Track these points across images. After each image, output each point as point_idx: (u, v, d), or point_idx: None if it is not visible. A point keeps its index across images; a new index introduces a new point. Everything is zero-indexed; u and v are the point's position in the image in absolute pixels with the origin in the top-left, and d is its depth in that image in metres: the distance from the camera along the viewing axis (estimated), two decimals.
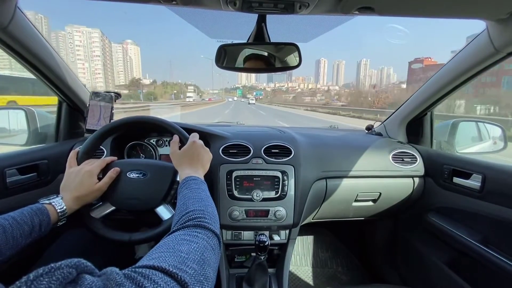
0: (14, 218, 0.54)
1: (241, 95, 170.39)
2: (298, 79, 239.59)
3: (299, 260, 1.57)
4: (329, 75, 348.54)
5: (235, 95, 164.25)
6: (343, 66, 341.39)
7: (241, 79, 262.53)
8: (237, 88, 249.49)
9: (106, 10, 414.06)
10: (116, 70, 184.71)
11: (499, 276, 0.82)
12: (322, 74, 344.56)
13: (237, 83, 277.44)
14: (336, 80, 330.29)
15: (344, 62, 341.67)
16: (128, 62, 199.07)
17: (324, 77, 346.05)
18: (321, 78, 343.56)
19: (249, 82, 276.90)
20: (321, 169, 1.06)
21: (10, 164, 0.83)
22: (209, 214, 0.51)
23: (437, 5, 0.63)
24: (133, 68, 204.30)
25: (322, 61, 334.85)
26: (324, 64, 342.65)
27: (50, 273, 0.25)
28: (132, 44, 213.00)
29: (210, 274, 0.38)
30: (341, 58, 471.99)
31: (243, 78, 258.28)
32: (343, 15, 0.68)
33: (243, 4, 0.63)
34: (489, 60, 0.82)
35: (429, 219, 1.07)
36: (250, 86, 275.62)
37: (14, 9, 0.70)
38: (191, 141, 0.75)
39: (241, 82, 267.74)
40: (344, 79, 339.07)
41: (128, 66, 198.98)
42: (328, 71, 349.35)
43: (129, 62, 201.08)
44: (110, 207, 0.77)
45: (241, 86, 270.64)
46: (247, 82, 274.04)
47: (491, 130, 1.25)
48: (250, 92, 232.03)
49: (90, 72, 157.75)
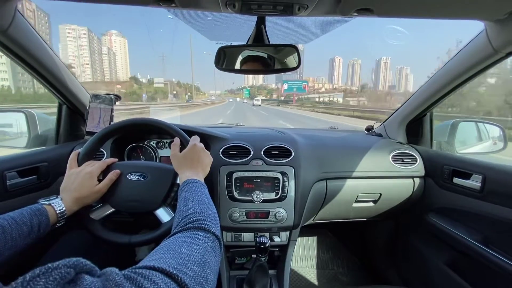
0: (13, 218, 0.54)
1: (249, 96, 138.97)
2: (308, 79, 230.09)
3: (299, 262, 1.57)
4: (343, 75, 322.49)
5: (239, 97, 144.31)
6: (359, 65, 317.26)
7: (248, 80, 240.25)
8: (243, 88, 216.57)
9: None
10: (100, 67, 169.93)
11: (499, 276, 0.81)
12: (336, 74, 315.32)
13: (244, 84, 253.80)
14: (351, 80, 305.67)
15: (360, 61, 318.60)
16: (112, 56, 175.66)
17: (339, 77, 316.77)
18: (335, 78, 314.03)
19: (257, 82, 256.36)
20: (321, 170, 1.06)
21: (10, 167, 0.83)
22: (210, 217, 0.51)
23: (436, 6, 0.63)
24: (116, 63, 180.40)
25: (336, 60, 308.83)
26: (339, 63, 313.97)
27: (47, 273, 0.24)
28: (118, 36, 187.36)
29: (211, 276, 0.38)
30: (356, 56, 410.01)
31: (250, 78, 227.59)
32: (341, 16, 0.69)
33: (243, 6, 0.63)
34: (488, 60, 0.82)
35: (429, 220, 1.07)
36: (259, 86, 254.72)
37: (14, 12, 0.70)
38: (192, 144, 0.75)
39: (248, 82, 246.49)
40: (361, 79, 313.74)
41: (112, 62, 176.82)
42: (342, 71, 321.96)
43: (111, 57, 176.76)
44: (110, 209, 0.77)
45: (249, 86, 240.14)
46: (255, 82, 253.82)
47: (491, 130, 1.25)
48: (260, 92, 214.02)
49: (80, 65, 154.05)
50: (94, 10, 66.71)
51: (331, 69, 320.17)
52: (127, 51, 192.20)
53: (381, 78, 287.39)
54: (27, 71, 0.88)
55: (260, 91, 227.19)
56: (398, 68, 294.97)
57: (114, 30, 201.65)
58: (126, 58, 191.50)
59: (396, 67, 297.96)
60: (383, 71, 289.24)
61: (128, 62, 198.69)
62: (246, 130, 1.39)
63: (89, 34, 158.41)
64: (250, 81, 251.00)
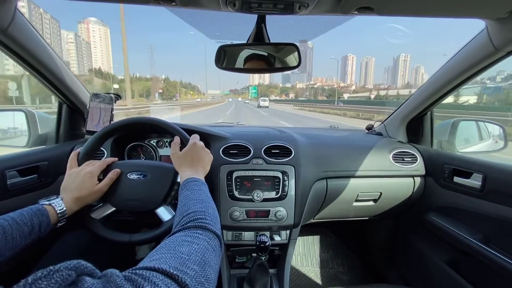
0: (14, 218, 0.54)
1: (257, 95, 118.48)
2: (317, 79, 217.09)
3: (300, 261, 1.57)
4: (356, 74, 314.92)
5: (244, 97, 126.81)
6: (373, 63, 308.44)
7: (254, 80, 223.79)
8: (249, 86, 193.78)
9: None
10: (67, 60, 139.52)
11: (500, 275, 0.81)
12: (349, 73, 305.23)
13: (250, 83, 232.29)
14: (365, 79, 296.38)
15: (374, 59, 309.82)
16: (83, 46, 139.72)
17: (351, 76, 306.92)
18: (348, 77, 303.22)
19: (263, 81, 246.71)
20: (321, 169, 1.06)
21: (10, 166, 0.83)
22: (210, 215, 0.52)
23: (437, 5, 0.63)
24: (95, 55, 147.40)
25: (350, 58, 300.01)
26: (352, 61, 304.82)
27: (49, 276, 0.24)
28: (97, 24, 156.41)
29: (211, 275, 0.38)
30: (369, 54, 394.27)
31: (255, 78, 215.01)
32: (342, 15, 0.68)
33: (243, 5, 0.63)
34: (489, 59, 0.82)
35: (429, 219, 1.07)
36: (267, 85, 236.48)
37: (14, 11, 0.70)
38: (192, 143, 0.75)
39: (254, 82, 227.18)
40: (374, 78, 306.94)
41: (85, 53, 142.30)
42: (355, 69, 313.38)
43: (82, 47, 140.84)
44: (110, 208, 0.77)
45: (256, 84, 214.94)
46: (261, 81, 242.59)
47: (491, 129, 1.25)
48: (271, 91, 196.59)
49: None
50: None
51: (344, 67, 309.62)
52: (109, 42, 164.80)
53: (400, 77, 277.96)
54: (27, 70, 0.88)
55: (272, 89, 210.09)
56: (414, 67, 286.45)
57: (93, 17, 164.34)
58: (108, 50, 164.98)
59: (412, 66, 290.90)
60: (401, 70, 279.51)
61: (111, 55, 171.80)
62: (246, 129, 1.39)
63: (34, 10, 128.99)
64: (256, 81, 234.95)
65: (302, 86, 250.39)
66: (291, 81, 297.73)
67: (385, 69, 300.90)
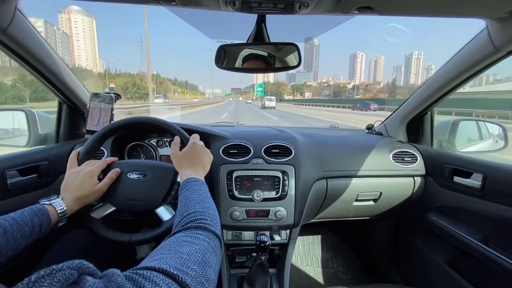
0: (15, 219, 0.54)
1: (263, 95, 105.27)
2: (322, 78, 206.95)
3: (300, 260, 1.57)
4: (365, 73, 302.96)
5: (249, 96, 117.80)
6: (382, 62, 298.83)
7: (257, 79, 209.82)
8: (253, 85, 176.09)
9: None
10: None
11: (500, 275, 0.82)
12: (358, 71, 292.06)
13: (253, 82, 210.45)
14: (374, 78, 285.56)
15: (383, 57, 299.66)
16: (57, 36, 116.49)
17: (361, 75, 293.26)
18: (357, 76, 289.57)
19: (269, 79, 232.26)
20: (321, 169, 1.06)
21: (10, 165, 0.83)
22: (210, 216, 0.52)
23: (437, 4, 0.63)
24: (76, 47, 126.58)
25: (359, 56, 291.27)
26: (362, 59, 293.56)
27: (52, 275, 0.25)
28: (81, 14, 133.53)
29: (212, 275, 0.38)
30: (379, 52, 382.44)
31: (259, 77, 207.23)
32: (342, 14, 0.68)
33: (243, 5, 0.63)
34: (489, 59, 0.82)
35: (429, 218, 1.07)
36: (274, 82, 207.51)
37: (14, 11, 0.70)
38: (192, 142, 0.75)
39: (257, 81, 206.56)
40: (383, 77, 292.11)
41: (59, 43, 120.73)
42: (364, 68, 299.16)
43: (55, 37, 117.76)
44: (110, 207, 0.77)
45: (263, 82, 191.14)
46: (265, 80, 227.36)
47: (492, 129, 1.25)
48: (283, 88, 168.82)
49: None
50: None
51: (353, 66, 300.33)
52: (95, 34, 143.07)
53: (412, 76, 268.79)
54: (28, 70, 0.88)
55: (283, 86, 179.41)
56: (425, 67, 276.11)
57: (75, 6, 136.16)
58: (94, 42, 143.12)
59: (423, 66, 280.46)
60: (414, 68, 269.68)
61: (97, 48, 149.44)
62: (247, 129, 1.39)
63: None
64: (260, 79, 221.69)
65: (314, 84, 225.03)
66: (297, 80, 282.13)
67: (395, 68, 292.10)
